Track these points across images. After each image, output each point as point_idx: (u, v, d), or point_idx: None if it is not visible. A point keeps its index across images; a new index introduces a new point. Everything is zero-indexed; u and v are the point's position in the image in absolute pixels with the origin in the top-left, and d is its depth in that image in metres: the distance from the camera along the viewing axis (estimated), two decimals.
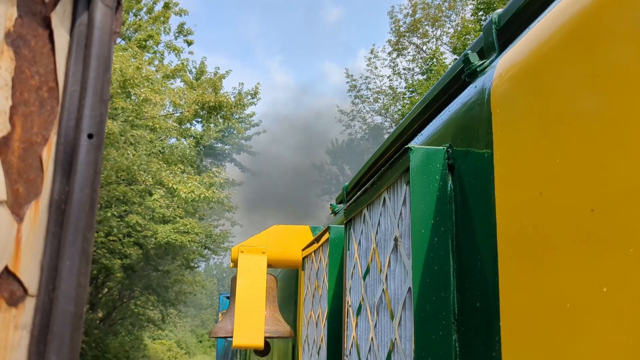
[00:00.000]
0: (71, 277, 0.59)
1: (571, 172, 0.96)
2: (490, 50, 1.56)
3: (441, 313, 1.38)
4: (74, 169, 0.61)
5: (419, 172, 1.47)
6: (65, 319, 0.58)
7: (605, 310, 0.85)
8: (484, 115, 1.32)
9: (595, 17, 0.94)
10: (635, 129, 0.83)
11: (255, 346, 3.38)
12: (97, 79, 0.64)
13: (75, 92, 0.63)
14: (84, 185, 0.61)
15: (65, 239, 0.59)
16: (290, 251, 3.70)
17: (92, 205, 0.61)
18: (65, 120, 0.63)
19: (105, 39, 0.65)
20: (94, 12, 0.65)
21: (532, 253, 1.06)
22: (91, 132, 0.63)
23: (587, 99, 0.95)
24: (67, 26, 0.64)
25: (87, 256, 0.60)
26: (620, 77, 0.87)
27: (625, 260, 0.82)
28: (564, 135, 0.99)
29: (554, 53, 1.06)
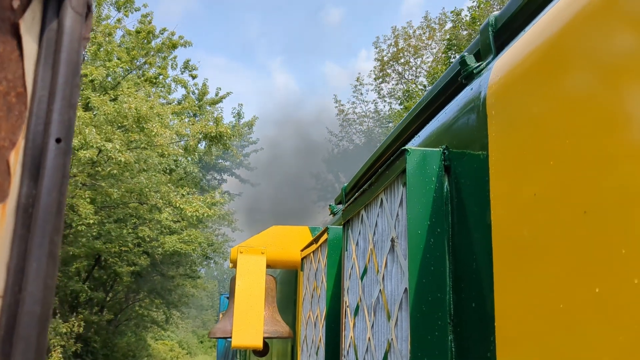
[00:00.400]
0: (38, 279, 0.59)
1: (565, 174, 0.97)
2: (486, 52, 1.56)
3: (437, 313, 1.39)
4: (41, 172, 0.62)
5: (415, 174, 1.48)
6: (32, 320, 0.59)
7: (598, 310, 0.86)
8: (480, 117, 1.33)
9: (591, 20, 0.95)
10: (629, 132, 0.83)
11: (254, 346, 3.38)
12: (66, 84, 0.65)
13: (44, 97, 0.64)
14: (52, 189, 0.62)
15: (32, 242, 0.60)
16: (289, 252, 3.70)
17: (60, 208, 0.62)
18: (34, 125, 0.63)
19: (75, 45, 0.66)
20: (64, 18, 0.66)
21: (527, 254, 1.06)
22: (59, 136, 0.64)
23: (582, 102, 0.95)
24: (36, 32, 0.65)
25: (54, 258, 0.61)
26: (616, 80, 0.87)
27: (617, 262, 0.82)
28: (558, 138, 1.00)
29: (550, 56, 1.07)
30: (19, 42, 0.63)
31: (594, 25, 0.94)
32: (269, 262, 3.64)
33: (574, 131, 0.96)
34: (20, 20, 0.63)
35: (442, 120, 1.62)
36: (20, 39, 0.63)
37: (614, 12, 0.89)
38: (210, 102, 16.74)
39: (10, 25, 0.62)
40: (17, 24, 0.63)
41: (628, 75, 0.85)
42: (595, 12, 0.94)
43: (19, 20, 0.63)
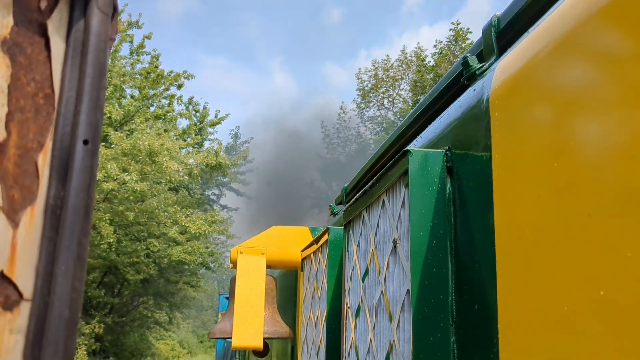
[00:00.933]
0: (66, 281, 0.59)
1: (569, 176, 0.96)
2: (489, 53, 1.56)
3: (439, 315, 1.38)
4: (69, 174, 0.62)
5: (417, 175, 1.48)
6: (60, 323, 0.58)
7: (603, 313, 0.85)
8: (483, 118, 1.32)
9: (595, 21, 0.94)
10: (634, 134, 0.83)
11: (254, 347, 3.38)
12: (92, 86, 0.64)
13: (71, 98, 0.64)
14: (80, 190, 0.61)
15: (61, 244, 0.60)
16: (290, 252, 3.70)
17: (87, 210, 0.62)
18: (61, 127, 0.63)
19: (102, 46, 0.65)
20: (91, 19, 0.65)
21: (530, 256, 1.06)
22: (87, 138, 0.63)
23: (585, 103, 0.95)
24: (64, 33, 0.65)
25: (82, 261, 0.61)
26: (620, 81, 0.87)
27: (622, 264, 0.82)
28: (562, 139, 0.99)
29: (553, 56, 1.06)
30: (47, 43, 0.63)
31: (598, 26, 0.93)
32: (269, 263, 3.63)
33: (578, 133, 0.95)
34: (48, 20, 0.63)
35: (445, 121, 1.61)
36: (48, 40, 0.63)
37: (619, 13, 0.89)
38: (210, 123, 19.00)
39: (38, 26, 0.62)
40: (44, 24, 0.63)
41: (633, 76, 0.84)
42: (600, 13, 0.93)
43: (47, 21, 0.63)
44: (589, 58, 0.95)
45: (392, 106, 28.28)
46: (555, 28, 1.08)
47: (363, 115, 30.61)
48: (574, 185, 0.95)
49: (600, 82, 0.92)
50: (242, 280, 3.51)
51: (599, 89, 0.91)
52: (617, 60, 0.88)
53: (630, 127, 0.83)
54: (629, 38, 0.86)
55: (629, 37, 0.86)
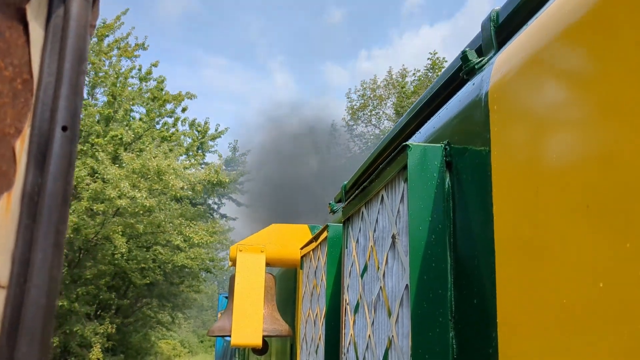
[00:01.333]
0: (43, 269, 0.59)
1: (567, 169, 0.96)
2: (488, 47, 1.55)
3: (438, 310, 1.38)
4: (47, 161, 0.61)
5: (416, 170, 1.47)
6: (37, 311, 0.58)
7: (602, 305, 0.85)
8: (482, 112, 1.32)
9: (593, 15, 0.94)
10: (631, 126, 0.82)
11: (253, 345, 3.37)
12: (72, 71, 0.64)
13: (50, 84, 0.63)
14: (58, 177, 0.61)
15: (38, 231, 0.59)
16: (289, 250, 3.70)
17: (65, 197, 0.61)
18: (40, 112, 0.63)
19: (81, 32, 0.65)
20: (70, 4, 0.65)
21: (529, 250, 1.06)
22: (65, 124, 0.63)
23: (584, 96, 0.94)
24: (43, 18, 0.64)
25: (60, 248, 0.60)
26: (618, 75, 0.87)
27: (621, 256, 0.81)
28: (561, 133, 0.99)
29: (551, 50, 1.06)
30: (26, 28, 0.62)
31: (596, 21, 0.93)
32: (268, 260, 3.63)
33: (577, 126, 0.95)
34: (27, 5, 0.62)
35: (444, 115, 1.61)
36: (27, 25, 0.63)
37: (616, 8, 0.88)
38: (210, 137, 20.27)
39: (16, 10, 0.62)
40: (23, 9, 0.62)
41: (631, 70, 0.84)
42: (597, 7, 0.93)
43: (26, 6, 0.62)
44: (586, 51, 0.95)
45: (379, 123, 30.93)
46: (553, 22, 1.08)
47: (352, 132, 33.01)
48: (573, 177, 0.94)
49: (598, 75, 0.91)
50: (241, 278, 3.51)
51: (598, 81, 0.91)
52: (615, 52, 0.88)
53: (629, 120, 0.83)
54: (626, 30, 0.86)
55: (626, 30, 0.86)
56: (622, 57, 0.86)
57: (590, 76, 0.94)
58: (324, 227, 2.67)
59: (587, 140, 0.92)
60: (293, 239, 3.78)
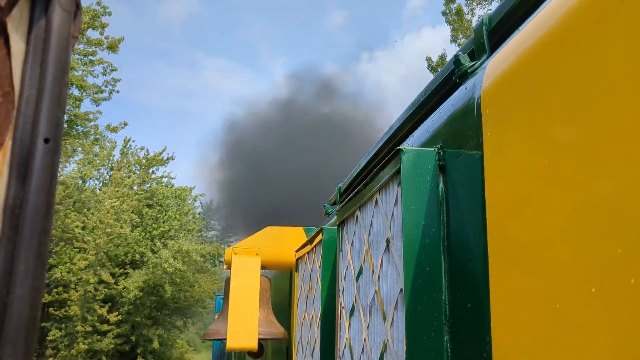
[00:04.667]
0: (26, 281, 0.58)
1: (559, 173, 0.96)
2: (480, 51, 1.56)
3: (433, 314, 1.38)
4: (29, 173, 0.61)
5: (410, 174, 1.48)
6: (20, 322, 0.58)
7: (594, 310, 0.85)
8: (475, 116, 1.32)
9: (584, 19, 0.95)
10: (623, 130, 0.83)
11: (249, 348, 3.37)
12: (54, 83, 0.64)
13: (32, 96, 0.63)
14: (40, 189, 0.61)
15: (20, 243, 0.59)
16: (284, 253, 3.69)
17: (48, 209, 0.61)
18: (21, 125, 0.62)
19: (63, 44, 0.65)
20: (52, 16, 0.65)
21: (522, 254, 1.06)
22: (47, 136, 0.63)
23: (575, 100, 0.95)
24: (24, 31, 0.64)
25: (43, 260, 0.60)
26: (609, 78, 0.87)
27: (613, 261, 0.82)
28: (552, 137, 1.00)
29: (543, 54, 1.06)
30: (6, 41, 0.62)
31: (587, 24, 0.94)
32: (263, 263, 3.63)
33: (568, 129, 0.96)
34: (7, 18, 0.62)
35: (437, 119, 1.61)
36: (8, 37, 0.62)
37: (608, 11, 0.89)
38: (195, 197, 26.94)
39: None
40: (4, 22, 0.62)
41: (622, 74, 0.84)
42: (589, 11, 0.94)
43: (6, 19, 0.62)
44: (578, 55, 0.95)
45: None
46: (545, 26, 1.08)
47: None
48: (565, 182, 0.95)
49: (590, 79, 0.92)
50: (236, 281, 3.50)
51: (589, 85, 0.92)
52: (607, 56, 0.88)
53: (620, 123, 0.84)
54: (618, 35, 0.86)
55: (618, 34, 0.86)
56: (614, 61, 0.87)
57: (582, 80, 0.94)
58: (319, 230, 2.67)
59: (580, 144, 0.92)
60: (288, 241, 3.77)
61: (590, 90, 0.91)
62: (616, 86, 0.85)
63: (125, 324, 20.72)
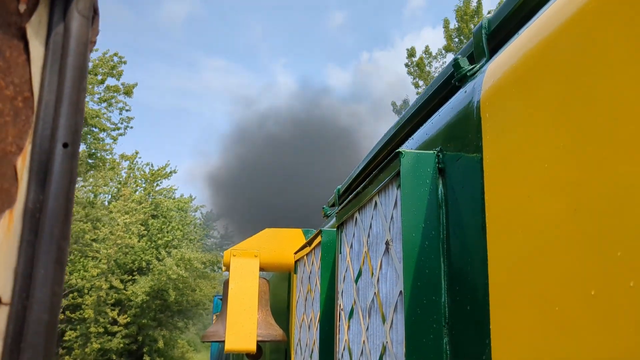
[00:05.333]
0: (45, 285, 0.59)
1: (559, 176, 0.97)
2: (480, 55, 1.57)
3: (432, 316, 1.38)
4: (48, 178, 0.62)
5: (409, 176, 1.48)
6: (39, 327, 0.58)
7: (594, 313, 0.86)
8: (474, 119, 1.33)
9: (584, 22, 0.95)
10: (622, 132, 0.84)
11: (247, 350, 3.37)
12: (72, 89, 0.64)
13: (51, 101, 0.64)
14: (59, 194, 0.61)
15: (40, 248, 0.60)
16: (283, 254, 3.69)
17: (67, 214, 0.61)
18: (41, 130, 0.63)
19: (82, 49, 0.65)
20: (70, 22, 0.65)
21: (521, 256, 1.06)
22: (66, 141, 0.63)
23: (574, 103, 0.96)
24: (43, 36, 0.65)
25: (62, 265, 0.60)
26: (608, 82, 0.88)
27: (613, 264, 0.82)
28: (552, 140, 1.00)
29: (543, 58, 1.07)
30: (26, 46, 0.63)
31: (586, 28, 0.94)
32: (262, 265, 3.63)
33: (567, 133, 0.96)
34: (27, 24, 0.63)
35: (436, 122, 1.62)
36: (27, 43, 0.63)
37: (607, 15, 0.90)
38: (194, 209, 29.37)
39: (16, 29, 0.62)
40: (23, 28, 0.62)
41: (621, 77, 0.85)
42: (588, 15, 0.94)
43: (26, 25, 0.63)
44: (577, 59, 0.96)
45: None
46: (544, 29, 1.09)
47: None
48: (564, 185, 0.95)
49: (588, 83, 0.92)
50: (235, 283, 3.50)
51: (588, 89, 0.92)
52: (606, 60, 0.89)
53: (619, 126, 0.84)
54: (617, 38, 0.87)
55: (617, 38, 0.87)
56: (612, 64, 0.87)
57: (580, 84, 0.95)
58: (318, 232, 2.68)
59: (579, 148, 0.93)
60: (287, 243, 3.77)
61: (589, 93, 0.92)
62: (615, 89, 0.86)
63: (132, 326, 23.15)
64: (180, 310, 26.07)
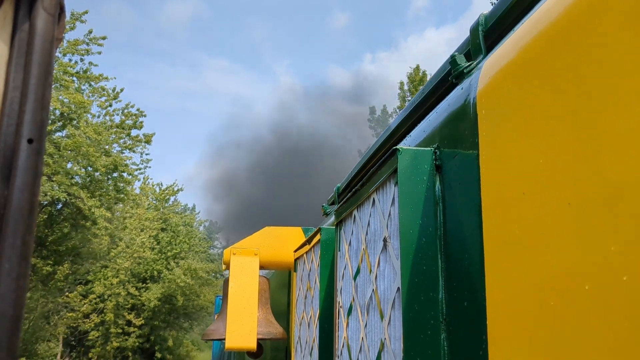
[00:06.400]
0: (10, 280, 0.59)
1: (554, 172, 0.97)
2: (476, 51, 1.57)
3: (430, 313, 1.39)
4: (13, 173, 0.62)
5: (407, 173, 1.48)
6: (3, 322, 0.58)
7: (588, 307, 0.86)
8: (470, 116, 1.33)
9: (579, 18, 0.96)
10: (618, 128, 0.84)
11: (248, 348, 3.38)
12: (38, 85, 0.65)
13: (16, 98, 0.64)
14: (24, 189, 0.62)
15: (4, 242, 0.60)
16: (282, 253, 3.70)
17: (32, 209, 0.62)
18: (5, 126, 0.63)
19: (47, 46, 0.66)
20: (36, 19, 0.66)
21: (518, 252, 1.07)
22: (31, 137, 0.64)
23: (570, 100, 0.96)
24: (8, 33, 0.65)
25: (27, 259, 0.61)
26: (604, 78, 0.88)
27: (606, 259, 0.83)
28: (548, 136, 1.01)
29: (539, 54, 1.07)
30: None
31: (582, 23, 0.95)
32: (262, 263, 3.63)
33: (563, 129, 0.96)
34: None
35: (434, 119, 1.62)
36: None
37: (604, 10, 0.90)
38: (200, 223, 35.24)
39: None
40: None
41: (617, 73, 0.85)
42: (584, 10, 0.95)
43: None
44: (573, 55, 0.96)
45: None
46: (540, 25, 1.09)
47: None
48: (560, 181, 0.96)
49: (585, 78, 0.93)
50: (235, 282, 3.51)
51: (584, 85, 0.93)
52: (603, 55, 0.89)
53: (615, 122, 0.85)
54: (613, 34, 0.87)
55: (613, 33, 0.87)
56: (609, 60, 0.88)
57: (577, 80, 0.95)
58: (317, 230, 2.68)
59: (575, 144, 0.93)
60: (286, 241, 3.78)
61: (585, 89, 0.92)
62: (611, 85, 0.86)
63: (146, 327, 27.41)
64: (186, 313, 29.88)
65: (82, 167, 19.08)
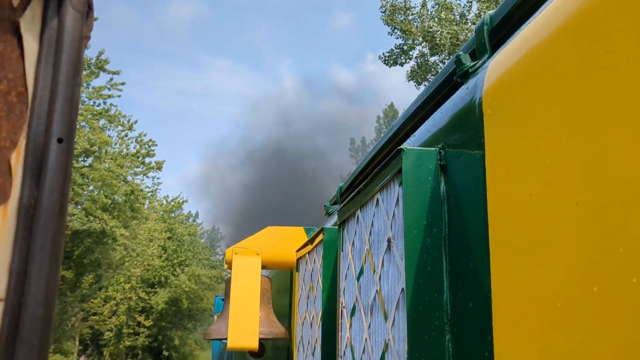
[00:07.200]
0: (40, 281, 0.59)
1: (561, 173, 0.96)
2: (482, 51, 1.56)
3: (434, 313, 1.38)
4: (43, 173, 0.61)
5: (411, 173, 1.48)
6: (34, 323, 0.58)
7: (596, 309, 0.85)
8: (476, 116, 1.32)
9: (586, 18, 0.95)
10: (625, 128, 0.83)
11: (249, 348, 3.37)
12: (67, 84, 0.64)
13: (45, 96, 0.63)
14: (53, 189, 0.61)
15: (35, 244, 0.59)
16: (285, 252, 3.69)
17: (62, 209, 0.61)
18: (35, 125, 0.63)
19: (76, 44, 0.65)
20: (64, 16, 0.65)
21: (524, 253, 1.06)
22: (61, 136, 0.63)
23: (577, 100, 0.95)
24: (37, 31, 0.65)
25: (57, 260, 0.60)
26: (611, 78, 0.87)
27: (615, 261, 0.82)
28: (554, 136, 1.00)
29: (545, 54, 1.07)
30: (20, 41, 0.63)
31: (589, 24, 0.94)
32: (264, 263, 3.63)
33: (570, 129, 0.96)
34: (21, 19, 0.63)
35: (438, 119, 1.62)
36: (21, 38, 0.63)
37: (610, 11, 0.89)
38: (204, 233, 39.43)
39: (10, 24, 0.62)
40: (17, 22, 0.62)
41: (624, 73, 0.84)
42: (591, 10, 0.94)
43: (19, 19, 0.62)
44: (580, 55, 0.96)
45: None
46: (546, 25, 1.08)
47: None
48: (567, 181, 0.95)
49: (592, 79, 0.92)
50: (237, 281, 3.50)
51: (591, 85, 0.92)
52: (610, 56, 0.88)
53: (622, 122, 0.84)
54: (620, 34, 0.86)
55: (620, 34, 0.86)
56: (616, 60, 0.87)
57: (583, 80, 0.94)
58: (320, 230, 2.67)
59: (581, 144, 0.93)
60: (289, 241, 3.77)
61: (592, 89, 0.92)
62: (618, 86, 0.86)
63: (154, 328, 31.07)
64: (191, 315, 33.44)
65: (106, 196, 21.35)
